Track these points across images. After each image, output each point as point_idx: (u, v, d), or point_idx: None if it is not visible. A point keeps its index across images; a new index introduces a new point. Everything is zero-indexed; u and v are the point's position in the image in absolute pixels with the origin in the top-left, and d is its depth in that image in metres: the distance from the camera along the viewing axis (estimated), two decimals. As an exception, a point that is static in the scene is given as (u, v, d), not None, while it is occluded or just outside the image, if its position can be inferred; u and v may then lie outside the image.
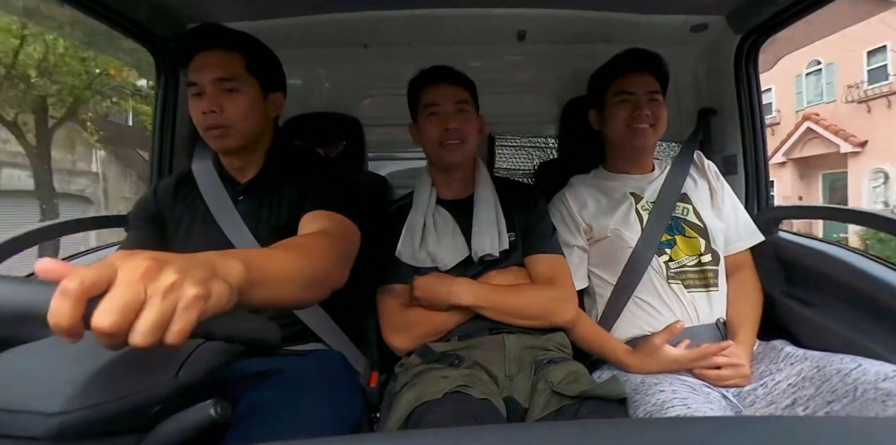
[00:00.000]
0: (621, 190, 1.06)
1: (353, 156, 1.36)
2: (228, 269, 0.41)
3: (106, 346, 0.34)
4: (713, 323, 0.95)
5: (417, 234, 0.97)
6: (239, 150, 0.88)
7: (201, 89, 0.83)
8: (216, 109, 0.82)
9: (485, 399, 0.74)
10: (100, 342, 0.34)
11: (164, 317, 0.34)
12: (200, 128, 0.85)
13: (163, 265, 0.35)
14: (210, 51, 0.84)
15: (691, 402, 0.73)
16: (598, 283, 1.04)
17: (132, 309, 0.33)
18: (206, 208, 0.88)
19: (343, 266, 0.67)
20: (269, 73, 0.90)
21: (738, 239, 1.04)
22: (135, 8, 1.04)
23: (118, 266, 0.34)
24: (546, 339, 0.92)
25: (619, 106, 1.01)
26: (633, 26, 1.24)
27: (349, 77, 1.53)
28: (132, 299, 0.33)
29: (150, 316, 0.33)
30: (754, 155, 1.25)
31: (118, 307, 0.32)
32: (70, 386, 0.44)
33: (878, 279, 0.86)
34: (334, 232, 0.72)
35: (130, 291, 0.33)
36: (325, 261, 0.60)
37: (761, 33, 1.19)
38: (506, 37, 1.35)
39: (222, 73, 0.83)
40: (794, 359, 0.83)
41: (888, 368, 0.68)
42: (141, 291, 0.33)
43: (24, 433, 0.42)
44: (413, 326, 0.92)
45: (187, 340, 0.38)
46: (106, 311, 0.32)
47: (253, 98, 0.85)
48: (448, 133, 0.96)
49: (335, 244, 0.67)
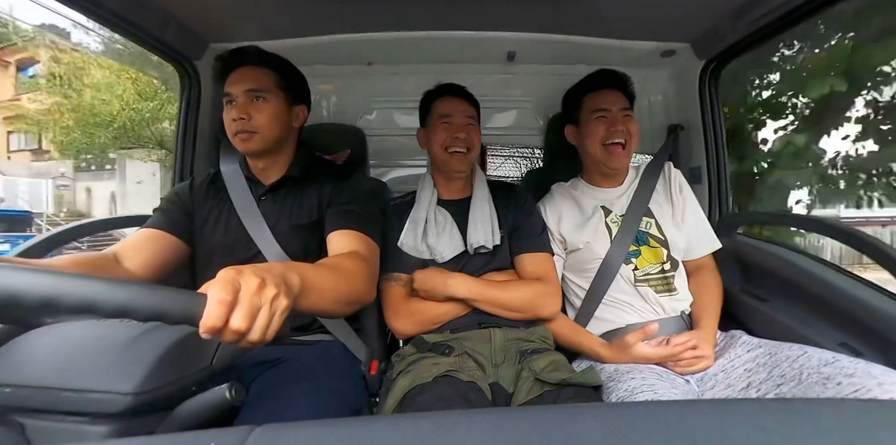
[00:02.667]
0: (592, 203, 1.06)
1: (357, 163, 1.36)
2: (292, 281, 0.48)
3: (227, 342, 0.41)
4: (678, 316, 0.97)
5: (420, 228, 0.98)
6: (262, 153, 0.90)
7: (234, 99, 0.86)
8: (245, 116, 0.85)
9: (472, 381, 0.75)
10: (224, 338, 0.40)
11: (269, 321, 0.42)
12: (230, 132, 0.87)
13: (265, 280, 0.43)
14: (246, 67, 0.88)
15: (658, 388, 0.74)
16: (572, 288, 1.05)
17: (255, 315, 0.41)
18: (232, 205, 0.90)
19: (372, 284, 0.73)
20: (295, 88, 0.93)
21: (700, 246, 1.06)
22: (164, 30, 1.06)
23: (240, 280, 0.42)
24: (530, 332, 0.92)
25: (597, 122, 1.01)
26: (611, 50, 1.27)
27: (355, 91, 1.53)
28: (255, 308, 0.41)
29: (263, 320, 0.42)
30: (716, 166, 1.28)
31: (248, 314, 0.40)
32: (138, 370, 0.46)
33: (821, 278, 0.88)
34: (366, 254, 0.76)
35: (253, 302, 0.41)
36: (359, 282, 0.67)
37: (722, 59, 1.21)
38: (497, 57, 1.36)
39: (254, 85, 0.86)
40: (750, 347, 0.84)
41: (828, 355, 0.70)
42: (258, 301, 0.42)
43: (101, 410, 0.44)
44: (415, 313, 0.93)
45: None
46: (241, 317, 0.40)
47: (278, 108, 0.88)
48: (457, 140, 0.99)
49: (368, 267, 0.72)
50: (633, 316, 0.96)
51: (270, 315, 0.42)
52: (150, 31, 1.04)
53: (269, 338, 0.43)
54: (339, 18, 1.14)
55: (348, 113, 1.54)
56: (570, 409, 0.37)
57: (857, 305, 0.80)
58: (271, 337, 0.43)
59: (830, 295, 0.86)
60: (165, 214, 0.92)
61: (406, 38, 1.23)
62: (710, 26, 1.12)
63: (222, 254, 0.88)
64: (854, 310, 0.81)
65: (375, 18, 1.14)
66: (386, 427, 0.31)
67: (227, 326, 0.40)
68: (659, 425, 0.30)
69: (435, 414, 0.33)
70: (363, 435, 0.30)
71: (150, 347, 0.48)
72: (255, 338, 0.42)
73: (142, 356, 0.47)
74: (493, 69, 1.44)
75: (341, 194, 0.88)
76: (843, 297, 0.83)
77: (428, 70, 1.33)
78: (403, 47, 1.29)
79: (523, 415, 0.34)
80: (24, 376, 0.46)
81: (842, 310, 0.84)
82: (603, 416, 0.31)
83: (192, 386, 0.50)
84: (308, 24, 1.16)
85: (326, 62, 1.36)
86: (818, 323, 0.89)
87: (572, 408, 0.37)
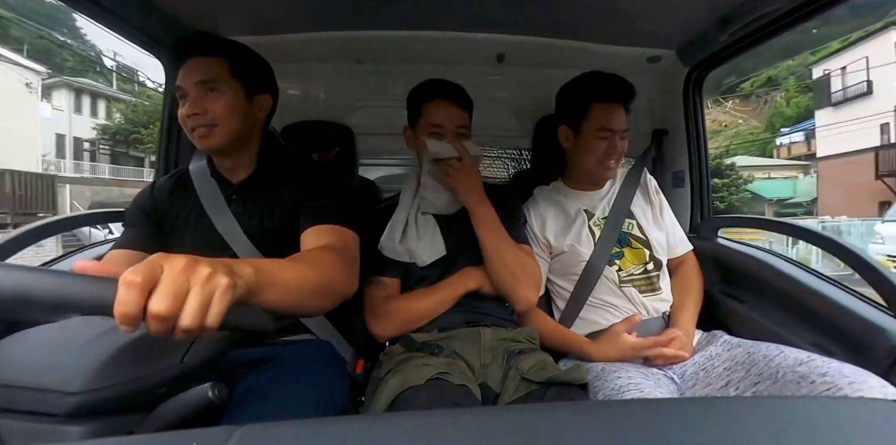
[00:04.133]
0: (575, 206, 1.07)
1: (346, 161, 1.35)
2: (242, 270, 0.43)
3: (155, 332, 0.36)
4: (660, 317, 0.99)
5: (398, 230, 0.96)
6: (226, 150, 0.84)
7: (186, 93, 0.80)
8: (199, 111, 0.79)
9: (463, 385, 0.74)
10: (151, 328, 0.35)
11: (206, 302, 0.36)
12: (187, 130, 0.82)
13: (198, 261, 0.38)
14: (195, 57, 0.81)
15: (644, 387, 0.75)
16: (556, 290, 1.06)
17: (181, 296, 0.36)
18: (201, 207, 0.85)
19: (350, 274, 0.67)
20: (254, 76, 0.85)
21: (676, 246, 1.09)
22: (147, 20, 1.02)
23: (162, 262, 0.37)
24: (517, 332, 0.93)
25: (600, 141, 0.99)
26: (598, 55, 1.28)
27: (343, 89, 1.52)
28: (180, 288, 0.36)
29: (195, 300, 0.36)
30: (699, 170, 1.31)
31: (170, 294, 0.35)
32: (87, 367, 0.44)
33: (798, 280, 0.91)
34: (338, 244, 0.71)
35: (178, 281, 0.36)
36: (330, 272, 0.60)
37: (706, 67, 1.25)
38: (487, 58, 1.36)
39: (203, 76, 0.79)
40: (729, 346, 0.87)
41: (803, 355, 0.72)
42: (185, 281, 0.36)
43: (44, 409, 0.42)
44: (392, 314, 0.92)
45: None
46: (160, 298, 0.34)
47: (235, 99, 0.81)
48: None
49: (340, 256, 0.67)
50: (618, 317, 0.97)
51: (205, 296, 0.36)
52: (132, 22, 1.01)
53: (213, 324, 0.37)
54: (329, 15, 1.12)
55: (337, 111, 1.53)
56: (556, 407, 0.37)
57: (830, 307, 0.83)
58: (215, 323, 0.37)
59: (805, 297, 0.88)
60: (133, 229, 0.86)
61: (396, 37, 1.22)
62: (695, 34, 1.15)
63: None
64: (827, 312, 0.84)
65: (365, 16, 1.13)
66: (371, 427, 0.31)
67: (147, 312, 0.34)
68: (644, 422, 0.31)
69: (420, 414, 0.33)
70: (349, 435, 0.29)
71: (108, 344, 0.46)
72: (187, 324, 0.35)
73: (97, 353, 0.45)
74: (483, 70, 1.45)
75: (313, 192, 0.82)
76: (817, 299, 0.85)
77: (417, 69, 1.33)
78: (393, 46, 1.28)
79: (509, 414, 0.34)
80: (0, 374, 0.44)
81: (816, 312, 0.86)
82: (588, 414, 0.32)
83: (159, 385, 0.47)
84: (297, 20, 1.14)
85: (315, 59, 1.35)
86: (793, 323, 0.91)
87: (558, 407, 0.37)
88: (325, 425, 0.30)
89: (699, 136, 1.30)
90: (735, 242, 1.17)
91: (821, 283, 0.88)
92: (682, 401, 0.46)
